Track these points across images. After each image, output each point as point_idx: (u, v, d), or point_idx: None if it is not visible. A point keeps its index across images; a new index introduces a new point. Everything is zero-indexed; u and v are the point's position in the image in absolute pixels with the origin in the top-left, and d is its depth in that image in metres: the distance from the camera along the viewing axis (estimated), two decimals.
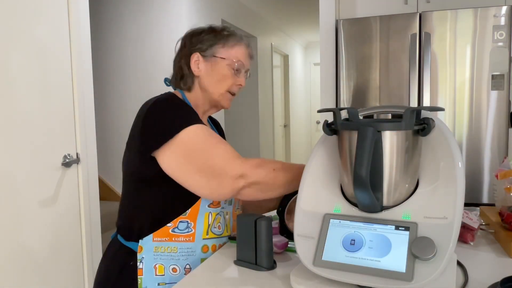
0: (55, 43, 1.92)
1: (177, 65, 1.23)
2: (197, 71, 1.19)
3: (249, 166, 1.03)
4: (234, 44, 1.20)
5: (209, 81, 1.19)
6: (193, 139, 1.05)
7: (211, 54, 1.19)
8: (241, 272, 0.98)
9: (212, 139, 1.07)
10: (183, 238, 1.10)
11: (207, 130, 1.07)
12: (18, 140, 1.73)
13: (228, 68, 1.18)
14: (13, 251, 1.71)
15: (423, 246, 0.75)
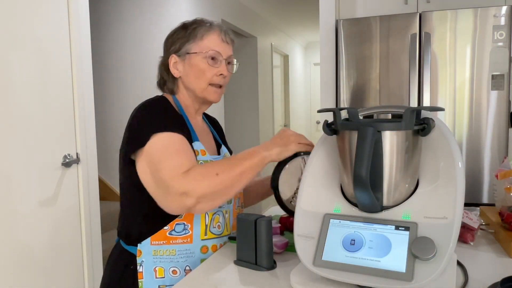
0: (55, 43, 1.92)
1: (160, 70, 1.24)
2: (176, 73, 1.19)
3: (190, 182, 0.98)
4: (204, 34, 1.17)
5: (189, 79, 1.18)
6: (155, 148, 1.03)
7: (185, 52, 1.17)
8: (241, 272, 0.98)
9: (169, 149, 1.04)
10: (180, 240, 1.09)
11: (171, 139, 1.05)
12: (18, 140, 1.73)
13: (203, 61, 1.16)
14: (13, 251, 1.71)
15: (423, 246, 0.75)
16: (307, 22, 5.56)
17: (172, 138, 1.05)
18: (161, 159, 1.02)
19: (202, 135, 1.23)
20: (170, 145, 1.04)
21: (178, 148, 1.05)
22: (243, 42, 4.87)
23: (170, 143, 1.05)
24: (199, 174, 1.00)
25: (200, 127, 1.25)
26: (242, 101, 4.95)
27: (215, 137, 1.33)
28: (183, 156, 1.03)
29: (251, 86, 4.91)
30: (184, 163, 1.01)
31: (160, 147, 1.03)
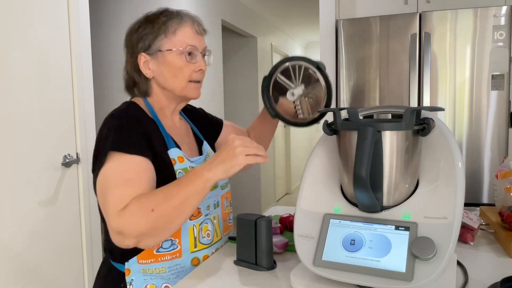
0: (55, 43, 1.92)
1: (126, 72, 1.13)
2: (149, 73, 1.08)
3: (125, 221, 0.90)
4: (176, 28, 1.07)
5: (165, 79, 1.08)
6: (106, 173, 0.96)
7: (156, 49, 1.06)
8: (241, 272, 0.98)
9: (120, 177, 0.95)
10: (169, 257, 1.03)
11: (126, 164, 0.96)
12: (18, 140, 1.73)
13: (179, 58, 1.06)
14: (12, 251, 1.71)
15: (423, 246, 0.75)
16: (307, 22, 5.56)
17: (126, 163, 0.96)
18: (107, 188, 0.94)
19: (181, 137, 1.15)
20: (123, 172, 0.95)
21: (129, 176, 0.95)
22: (243, 42, 4.87)
23: (124, 168, 0.96)
24: (135, 212, 0.90)
25: (177, 128, 1.17)
26: (242, 101, 4.95)
27: (196, 133, 1.24)
28: (130, 187, 0.94)
29: (251, 86, 4.91)
30: (127, 196, 0.92)
31: (111, 173, 0.95)
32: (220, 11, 3.99)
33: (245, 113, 4.95)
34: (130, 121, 1.02)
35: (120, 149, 0.96)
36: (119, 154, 0.96)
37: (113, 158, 0.96)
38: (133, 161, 0.97)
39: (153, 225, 0.91)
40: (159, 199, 0.91)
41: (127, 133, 0.99)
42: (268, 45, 5.38)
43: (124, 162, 0.96)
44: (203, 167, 0.93)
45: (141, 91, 1.11)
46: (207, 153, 1.20)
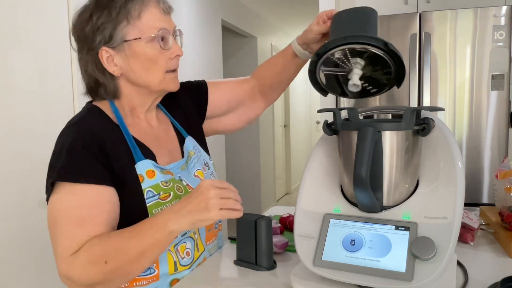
0: (55, 43, 1.92)
1: (85, 72, 0.94)
2: (116, 70, 0.91)
3: (76, 268, 0.81)
4: (140, 10, 0.88)
5: (136, 74, 0.91)
6: (56, 206, 0.84)
7: (120, 39, 0.88)
8: (241, 272, 0.98)
9: (71, 213, 0.83)
10: (145, 282, 0.92)
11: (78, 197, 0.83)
12: (18, 140, 1.73)
13: (151, 46, 0.89)
14: (13, 250, 1.71)
15: (423, 246, 0.75)
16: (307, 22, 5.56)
17: (78, 196, 0.83)
18: (56, 225, 0.82)
19: (157, 139, 1.01)
20: (74, 208, 0.83)
21: (81, 214, 0.83)
22: (243, 42, 4.87)
23: (75, 204, 0.83)
24: (86, 261, 0.80)
25: (153, 129, 1.02)
26: None
27: (177, 128, 1.08)
28: (83, 227, 0.82)
29: None
30: (78, 239, 0.81)
31: (61, 207, 0.83)
32: (220, 11, 3.98)
33: None
34: (84, 138, 0.86)
35: (70, 178, 0.83)
36: (68, 184, 0.83)
37: (63, 188, 0.83)
38: (87, 193, 0.83)
39: (106, 277, 0.81)
40: (114, 250, 0.80)
41: (79, 156, 0.84)
42: (268, 45, 5.38)
43: (75, 195, 0.83)
44: (167, 216, 0.81)
45: (109, 93, 0.94)
46: (189, 154, 1.05)
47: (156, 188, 0.91)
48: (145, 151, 0.94)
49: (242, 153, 4.93)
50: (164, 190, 0.92)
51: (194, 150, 1.08)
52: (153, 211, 0.90)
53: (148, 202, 0.90)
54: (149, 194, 0.90)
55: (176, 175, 0.98)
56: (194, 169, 1.05)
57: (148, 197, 0.90)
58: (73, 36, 0.93)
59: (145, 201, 0.89)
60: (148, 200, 0.90)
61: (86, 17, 0.89)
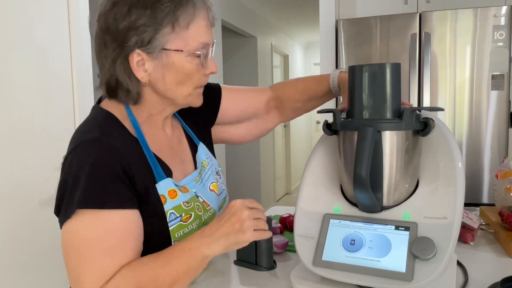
0: (55, 43, 1.92)
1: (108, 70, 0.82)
2: (144, 77, 0.81)
3: None
4: (189, 20, 0.79)
5: (166, 85, 0.83)
6: (77, 236, 0.76)
7: (159, 47, 0.79)
8: (241, 272, 0.98)
9: (99, 245, 0.75)
10: None
11: (106, 227, 0.76)
12: (17, 140, 1.73)
13: (190, 61, 0.81)
14: (13, 251, 1.71)
15: (423, 246, 0.75)
16: (307, 22, 5.56)
17: (105, 224, 0.75)
18: (81, 256, 0.75)
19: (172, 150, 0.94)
20: (101, 238, 0.75)
21: (110, 244, 0.76)
22: (243, 42, 4.87)
23: (102, 233, 0.75)
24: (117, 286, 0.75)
25: (168, 138, 0.95)
26: None
27: (190, 135, 1.02)
28: (112, 258, 0.76)
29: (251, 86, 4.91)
30: (109, 270, 0.75)
31: (86, 237, 0.75)
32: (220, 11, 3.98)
33: None
34: (108, 158, 0.77)
35: (94, 205, 0.75)
36: (92, 211, 0.75)
37: (86, 215, 0.75)
38: (113, 220, 0.76)
39: None
40: (147, 280, 0.75)
41: (103, 179, 0.76)
42: (268, 45, 5.38)
43: (100, 222, 0.75)
44: (200, 242, 0.77)
45: (130, 98, 0.84)
46: (202, 164, 0.99)
47: (178, 210, 0.85)
48: (164, 167, 0.87)
49: (242, 153, 4.93)
50: (185, 212, 0.86)
51: (207, 159, 1.01)
52: (175, 234, 0.85)
53: (171, 225, 0.84)
54: (172, 217, 0.84)
55: (192, 191, 0.91)
56: (208, 182, 0.98)
57: (171, 220, 0.84)
58: (98, 22, 0.82)
59: (168, 224, 0.83)
60: (170, 223, 0.84)
61: (123, 11, 0.78)
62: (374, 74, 0.80)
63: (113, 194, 0.76)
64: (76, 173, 0.76)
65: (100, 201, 0.75)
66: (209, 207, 0.95)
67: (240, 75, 4.94)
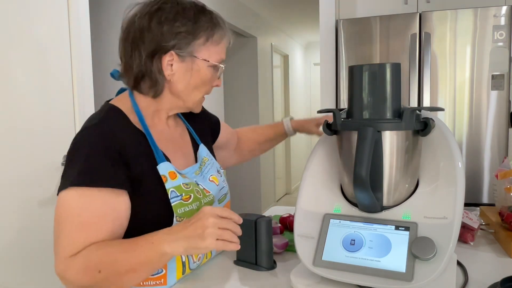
0: (55, 43, 1.92)
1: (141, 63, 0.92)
2: (169, 75, 0.92)
3: (71, 271, 0.81)
4: (220, 40, 0.95)
5: (183, 87, 0.94)
6: (63, 207, 0.83)
7: (190, 53, 0.92)
8: (241, 272, 0.98)
9: (76, 217, 0.82)
10: (153, 282, 0.91)
11: (85, 203, 0.83)
12: (18, 140, 1.73)
13: (210, 71, 0.95)
14: (13, 251, 1.71)
15: (423, 246, 0.75)
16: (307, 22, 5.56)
17: (88, 201, 0.83)
18: (61, 225, 0.83)
19: (173, 142, 1.02)
20: (81, 212, 0.82)
21: (87, 220, 0.82)
22: (243, 42, 4.87)
23: (84, 207, 0.82)
24: (82, 267, 0.80)
25: (171, 132, 1.03)
26: (242, 101, 4.95)
27: (193, 135, 1.11)
28: (86, 232, 0.82)
29: (251, 86, 4.91)
30: (79, 243, 0.81)
31: (69, 209, 0.83)
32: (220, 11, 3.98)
33: (245, 113, 4.95)
34: (104, 141, 0.86)
35: (84, 183, 0.82)
36: (80, 188, 0.82)
37: (76, 189, 0.83)
38: (95, 199, 0.83)
39: (98, 285, 0.82)
40: (109, 262, 0.80)
41: (97, 160, 0.84)
42: (268, 45, 5.38)
43: (84, 198, 0.83)
44: (163, 238, 0.79)
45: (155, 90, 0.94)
46: (203, 160, 1.06)
47: (179, 189, 0.91)
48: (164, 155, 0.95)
49: None
50: (185, 192, 0.92)
51: (208, 156, 1.09)
52: (178, 210, 0.90)
53: (173, 201, 0.90)
54: (173, 194, 0.91)
55: (192, 180, 0.98)
56: (208, 174, 1.05)
57: (172, 197, 0.90)
58: (138, 19, 0.91)
59: (170, 200, 0.90)
60: (172, 200, 0.90)
61: (169, 17, 0.90)
62: (374, 74, 0.80)
63: (104, 175, 0.83)
64: (75, 153, 0.85)
65: (89, 179, 0.82)
66: (209, 194, 1.00)
67: (240, 75, 4.94)
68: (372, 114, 0.81)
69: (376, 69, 0.80)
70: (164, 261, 0.82)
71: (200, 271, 0.99)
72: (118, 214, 0.86)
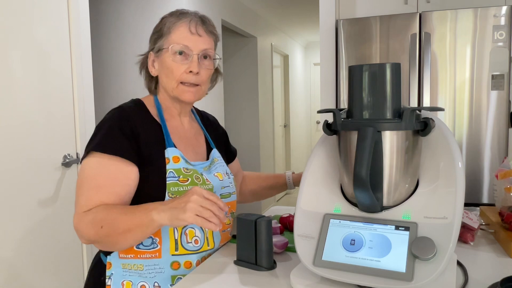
0: (55, 43, 1.92)
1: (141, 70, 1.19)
2: (154, 72, 1.12)
3: (82, 224, 0.97)
4: (170, 27, 1.08)
5: (161, 78, 1.11)
6: (84, 171, 1.01)
7: (158, 48, 1.09)
8: (241, 272, 0.98)
9: (92, 179, 1.00)
10: (149, 255, 1.02)
11: (101, 167, 1.00)
12: (18, 140, 1.73)
13: (170, 58, 1.06)
14: (12, 251, 1.71)
15: (423, 246, 0.75)
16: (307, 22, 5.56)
17: (103, 165, 1.00)
18: (80, 187, 1.00)
19: (187, 139, 1.15)
20: (97, 175, 0.99)
21: (101, 182, 0.99)
22: (243, 42, 4.87)
23: (99, 172, 1.00)
24: (90, 221, 0.95)
25: (185, 130, 1.17)
26: (242, 101, 4.95)
27: (208, 139, 1.23)
28: (99, 193, 0.98)
29: (251, 86, 4.91)
30: (93, 201, 0.98)
31: (88, 173, 1.00)
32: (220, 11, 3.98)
33: (245, 113, 4.95)
34: (121, 120, 1.04)
35: (100, 149, 1.00)
36: (99, 154, 1.00)
37: (94, 156, 1.00)
38: (110, 165, 0.99)
39: (100, 239, 0.97)
40: (110, 220, 0.94)
41: (113, 134, 1.01)
42: (268, 45, 5.38)
43: (101, 164, 1.00)
44: (155, 206, 0.92)
45: (151, 88, 1.16)
46: (214, 159, 1.18)
47: (178, 172, 1.04)
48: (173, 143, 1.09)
49: (242, 153, 4.93)
50: (183, 175, 1.05)
51: (219, 158, 1.21)
52: (171, 188, 1.02)
53: (168, 180, 1.03)
54: (170, 174, 1.03)
55: (199, 171, 1.10)
56: (215, 171, 1.16)
57: (169, 177, 1.03)
58: None
59: (166, 179, 1.02)
60: (168, 179, 1.03)
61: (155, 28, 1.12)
62: (374, 74, 0.80)
63: (117, 146, 1.00)
64: (100, 127, 1.04)
65: (106, 148, 0.99)
66: (209, 183, 1.10)
67: (240, 75, 4.94)
68: (372, 114, 0.81)
69: (376, 69, 0.80)
70: (154, 227, 0.92)
71: (200, 271, 0.99)
72: (127, 181, 1.01)
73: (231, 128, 4.91)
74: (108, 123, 1.04)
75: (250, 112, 4.95)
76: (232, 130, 4.93)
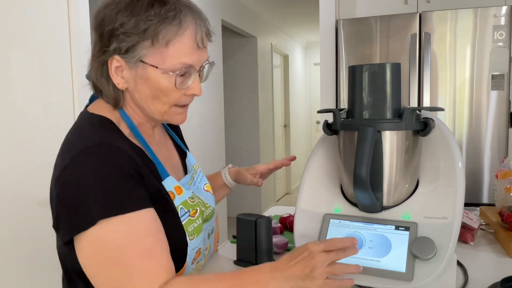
0: (55, 43, 1.92)
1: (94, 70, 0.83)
2: (121, 84, 0.78)
3: None
4: (169, 39, 0.74)
5: (141, 97, 0.79)
6: (103, 248, 0.70)
7: (137, 58, 0.75)
8: None
9: (136, 248, 0.71)
10: None
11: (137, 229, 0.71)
12: (18, 140, 1.73)
13: (167, 79, 0.76)
14: (12, 251, 1.71)
15: (423, 246, 0.75)
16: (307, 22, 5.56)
17: (138, 227, 0.72)
18: (122, 264, 0.70)
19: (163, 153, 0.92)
20: (136, 240, 0.71)
21: (147, 245, 0.72)
22: (243, 42, 4.87)
23: (137, 238, 0.71)
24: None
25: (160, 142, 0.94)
26: (242, 101, 4.95)
27: (176, 141, 1.01)
28: (153, 259, 0.72)
29: (251, 86, 4.91)
30: (157, 273, 0.71)
31: (120, 244, 0.70)
32: (220, 11, 3.98)
33: (245, 113, 4.95)
34: (118, 161, 0.73)
35: (117, 211, 0.70)
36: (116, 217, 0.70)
37: (111, 223, 0.70)
38: (141, 220, 0.72)
39: None
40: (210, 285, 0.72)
41: (120, 182, 0.72)
42: (268, 45, 5.38)
43: (130, 226, 0.71)
44: (270, 276, 0.71)
45: (110, 101, 0.82)
46: (193, 168, 0.98)
47: (186, 205, 0.85)
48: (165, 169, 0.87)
49: (242, 153, 4.93)
50: (192, 207, 0.86)
51: (197, 164, 1.02)
52: (188, 228, 0.83)
53: (183, 220, 0.83)
54: (182, 212, 0.83)
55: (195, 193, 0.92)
56: (202, 184, 0.99)
57: (182, 215, 0.83)
58: (93, 22, 0.80)
59: (180, 219, 0.83)
60: (182, 218, 0.83)
61: (111, 15, 0.75)
62: (374, 74, 0.80)
63: (133, 195, 0.73)
64: (85, 183, 0.70)
65: (122, 205, 0.71)
66: (208, 205, 0.95)
67: (240, 75, 4.94)
68: (372, 114, 0.81)
69: (376, 69, 0.80)
70: None
71: (200, 271, 0.99)
72: (162, 229, 0.76)
73: (231, 129, 4.91)
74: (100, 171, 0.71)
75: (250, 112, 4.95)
76: (232, 130, 4.93)
